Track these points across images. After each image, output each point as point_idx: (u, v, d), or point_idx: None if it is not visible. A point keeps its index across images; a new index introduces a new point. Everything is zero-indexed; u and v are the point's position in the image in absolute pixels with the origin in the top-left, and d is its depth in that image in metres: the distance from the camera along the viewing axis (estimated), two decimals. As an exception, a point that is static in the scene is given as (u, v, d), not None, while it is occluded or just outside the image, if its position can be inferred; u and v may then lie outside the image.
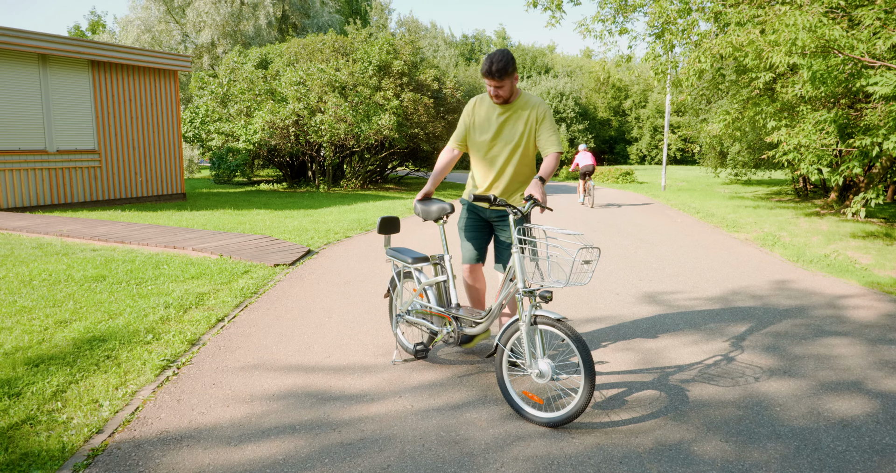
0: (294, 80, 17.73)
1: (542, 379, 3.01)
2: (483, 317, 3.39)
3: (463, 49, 68.09)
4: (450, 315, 3.54)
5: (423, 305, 3.70)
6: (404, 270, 3.81)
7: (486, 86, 3.49)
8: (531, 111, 3.58)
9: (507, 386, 3.12)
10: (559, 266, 2.98)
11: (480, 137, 3.64)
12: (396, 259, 3.81)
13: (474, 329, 3.45)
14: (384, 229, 3.76)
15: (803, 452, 2.71)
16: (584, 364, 2.85)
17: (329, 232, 9.36)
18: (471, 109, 3.69)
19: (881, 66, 7.95)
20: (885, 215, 12.65)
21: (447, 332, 3.55)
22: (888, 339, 4.34)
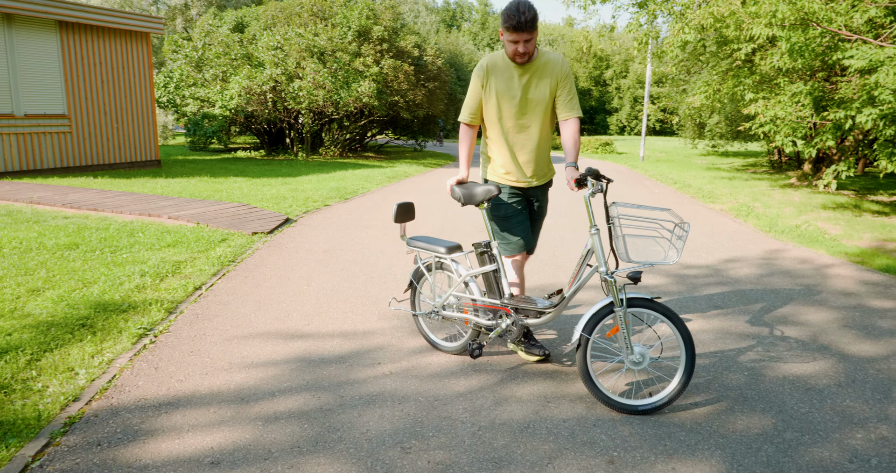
0: (271, 44, 17.34)
1: (637, 366, 2.83)
2: (553, 306, 3.05)
3: (444, 15, 66.97)
4: (508, 307, 3.16)
5: (468, 298, 3.29)
6: (437, 261, 3.39)
7: (507, 44, 3.06)
8: (554, 68, 3.18)
9: (592, 377, 2.84)
10: (644, 244, 2.77)
11: (505, 105, 3.21)
12: (424, 249, 3.38)
13: (538, 320, 3.08)
14: (402, 216, 3.40)
15: (768, 413, 2.82)
16: (686, 349, 2.75)
17: (308, 200, 9.30)
18: (483, 75, 3.20)
19: (857, 39, 8.01)
20: (856, 187, 12.90)
21: (506, 325, 3.14)
22: (852, 306, 4.48)
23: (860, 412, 2.85)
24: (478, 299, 3.25)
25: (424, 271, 3.48)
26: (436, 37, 46.17)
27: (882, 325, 4.10)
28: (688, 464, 2.40)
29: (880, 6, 7.72)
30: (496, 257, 3.20)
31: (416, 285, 3.56)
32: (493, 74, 3.20)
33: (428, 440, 2.56)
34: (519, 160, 3.30)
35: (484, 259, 3.26)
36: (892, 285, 5.11)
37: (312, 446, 2.49)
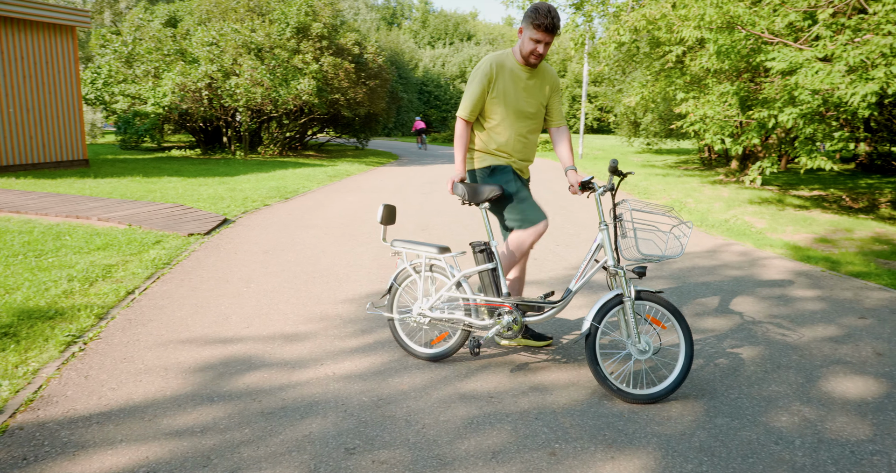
0: (206, 40, 16.84)
1: (644, 355, 2.93)
2: (558, 302, 3.09)
3: (384, 13, 66.57)
4: (510, 304, 3.15)
5: (467, 297, 3.23)
6: (429, 262, 3.33)
7: (527, 42, 3.12)
8: (550, 78, 3.35)
9: (601, 368, 2.90)
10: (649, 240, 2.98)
11: (511, 104, 3.25)
12: (413, 250, 3.31)
13: (539, 317, 3.11)
14: (388, 218, 3.35)
15: (701, 401, 2.94)
16: (686, 339, 2.91)
17: (246, 200, 9.09)
18: (491, 73, 3.20)
19: (779, 42, 8.42)
20: (779, 182, 13.58)
21: (507, 322, 3.12)
22: (777, 296, 4.72)
23: (784, 396, 3.00)
24: (478, 298, 3.21)
25: (413, 273, 3.38)
26: (376, 35, 45.90)
27: (804, 313, 4.33)
28: (626, 452, 2.48)
29: (799, 11, 8.14)
30: (494, 254, 3.22)
31: (398, 288, 3.46)
32: (500, 75, 3.22)
33: (372, 440, 2.55)
34: (520, 155, 3.39)
35: (482, 258, 3.24)
36: (813, 275, 5.41)
37: (254, 450, 2.44)
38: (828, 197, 11.24)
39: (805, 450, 2.51)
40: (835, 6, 7.77)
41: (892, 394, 3.04)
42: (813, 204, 10.17)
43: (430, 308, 3.30)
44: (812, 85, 7.33)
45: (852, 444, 2.56)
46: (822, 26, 7.89)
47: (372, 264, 5.53)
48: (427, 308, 3.30)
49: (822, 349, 3.64)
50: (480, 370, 3.28)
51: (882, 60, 6.99)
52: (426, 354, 3.38)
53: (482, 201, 3.22)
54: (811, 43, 8.31)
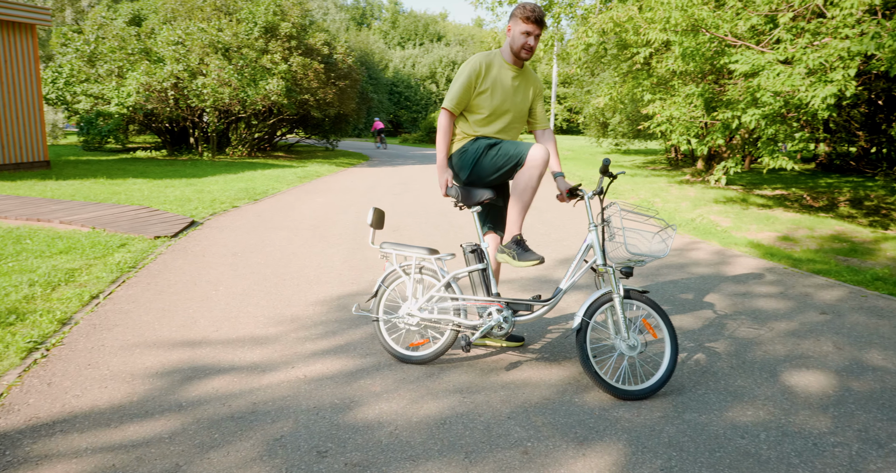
0: (172, 39, 16.54)
1: (632, 351, 3.02)
2: (547, 300, 3.15)
3: (354, 13, 66.27)
4: (501, 303, 3.20)
5: (459, 297, 3.25)
6: (420, 264, 3.34)
7: (518, 36, 3.19)
8: (534, 81, 3.41)
9: (592, 362, 2.96)
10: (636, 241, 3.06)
11: (496, 102, 3.27)
12: (402, 253, 3.35)
13: (529, 316, 3.15)
14: (378, 222, 3.41)
15: (669, 397, 2.99)
16: (670, 336, 3.03)
17: (215, 202, 8.96)
18: (480, 69, 3.22)
19: (741, 45, 8.61)
20: (743, 182, 13.89)
21: (497, 321, 3.16)
22: (742, 293, 4.83)
23: (750, 391, 3.07)
24: (469, 298, 3.25)
25: (403, 275, 3.38)
26: (346, 35, 45.65)
27: (768, 309, 4.44)
28: (597, 449, 2.51)
29: (760, 14, 8.34)
30: (485, 255, 3.28)
31: (386, 290, 3.46)
32: (488, 72, 3.25)
33: (344, 442, 2.53)
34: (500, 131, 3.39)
35: (473, 258, 3.28)
36: (776, 273, 5.55)
37: (224, 456, 2.41)
38: (789, 196, 11.53)
39: (770, 443, 2.57)
40: (795, 10, 7.98)
41: (851, 387, 3.14)
42: (775, 203, 10.42)
43: (418, 309, 3.31)
44: (774, 87, 7.51)
45: (815, 437, 2.63)
46: (782, 30, 8.09)
47: (343, 265, 5.50)
48: (416, 309, 3.31)
49: (786, 345, 3.73)
50: (452, 370, 3.29)
51: (840, 63, 7.20)
52: (413, 357, 3.36)
53: (475, 204, 3.27)
54: (773, 46, 8.51)
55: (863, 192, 12.29)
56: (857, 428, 2.71)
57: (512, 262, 3.18)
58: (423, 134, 40.58)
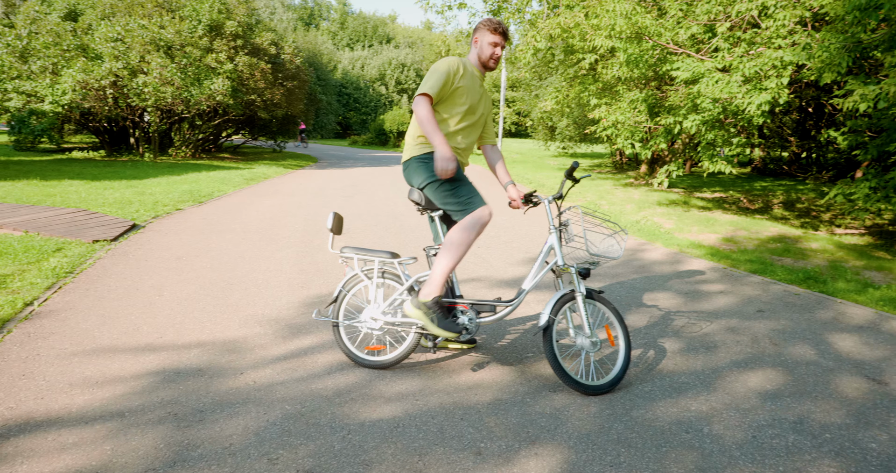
0: (110, 36, 15.94)
1: (595, 347, 3.12)
2: (511, 301, 3.19)
3: (302, 13, 65.40)
4: (466, 304, 3.21)
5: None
6: (383, 267, 3.34)
7: (486, 47, 3.28)
8: (489, 95, 3.47)
9: (558, 358, 3.04)
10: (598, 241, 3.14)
11: (470, 100, 3.27)
12: (365, 257, 3.33)
13: (493, 317, 3.17)
14: (338, 227, 3.36)
15: (617, 395, 3.06)
16: (624, 335, 3.17)
17: (157, 204, 8.68)
18: (458, 68, 3.20)
19: (682, 53, 8.92)
20: (684, 185, 14.37)
21: (463, 322, 3.16)
22: (685, 292, 4.99)
23: (693, 387, 3.18)
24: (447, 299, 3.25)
25: (365, 279, 3.35)
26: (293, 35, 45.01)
27: (709, 308, 4.60)
28: (548, 449, 2.55)
29: (700, 24, 8.65)
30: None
31: (347, 294, 3.42)
32: (465, 74, 3.25)
33: (296, 448, 2.50)
34: (464, 149, 3.37)
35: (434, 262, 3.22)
36: (716, 272, 5.76)
37: (170, 466, 2.34)
38: (727, 199, 11.99)
39: (712, 437, 2.67)
40: (732, 20, 8.31)
41: (787, 381, 3.29)
42: (715, 205, 10.82)
43: (382, 313, 3.30)
44: (712, 94, 7.80)
45: (754, 429, 2.74)
46: (720, 39, 8.42)
47: (293, 269, 5.42)
48: (379, 313, 3.30)
49: (726, 342, 3.88)
50: (405, 373, 3.29)
51: (774, 72, 7.54)
52: (376, 361, 3.33)
53: (438, 209, 3.26)
54: (711, 54, 8.84)
55: (794, 195, 12.89)
56: (793, 420, 2.84)
57: (428, 325, 3.01)
58: (372, 136, 40.36)
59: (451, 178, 3.12)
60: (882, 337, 4.03)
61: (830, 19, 7.34)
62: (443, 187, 3.14)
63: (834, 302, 4.84)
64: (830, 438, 2.68)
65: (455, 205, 3.14)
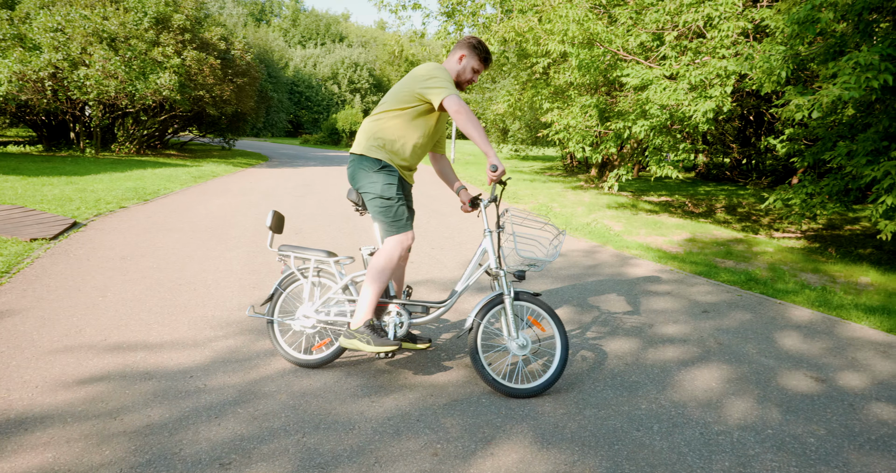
0: (50, 26, 15.26)
1: (523, 350, 3.11)
2: (444, 302, 3.20)
3: (252, 9, 64.17)
4: (399, 304, 3.21)
5: (352, 299, 3.28)
6: (318, 266, 3.33)
7: (468, 71, 3.23)
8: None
9: (482, 362, 3.07)
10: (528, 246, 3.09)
11: (439, 120, 3.30)
12: (301, 255, 3.32)
13: (426, 318, 3.19)
14: (278, 225, 3.35)
15: (570, 394, 3.12)
16: (561, 336, 3.12)
17: (99, 202, 8.36)
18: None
19: (632, 59, 9.14)
20: (633, 189, 14.74)
21: (395, 323, 3.19)
22: (635, 293, 5.12)
23: (643, 386, 3.27)
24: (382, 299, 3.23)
25: (300, 278, 3.34)
26: (244, 31, 44.11)
27: (657, 309, 4.74)
28: (504, 448, 2.57)
29: (649, 32, 8.89)
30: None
31: (283, 292, 3.39)
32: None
33: (249, 453, 2.45)
34: (414, 167, 3.34)
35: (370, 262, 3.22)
36: (663, 274, 5.92)
37: (116, 473, 2.26)
38: (673, 203, 12.36)
39: (662, 434, 2.75)
40: (679, 30, 8.58)
41: (732, 379, 3.41)
42: (661, 209, 11.13)
43: (315, 311, 3.28)
44: (660, 100, 8.03)
45: (701, 426, 2.84)
46: (668, 47, 8.67)
47: (243, 269, 5.31)
48: (312, 311, 3.28)
49: (674, 342, 4.00)
50: (359, 375, 3.26)
51: (718, 81, 7.82)
52: (306, 360, 3.31)
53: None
54: (660, 62, 9.10)
55: (736, 199, 13.39)
56: (738, 417, 2.95)
57: (364, 348, 3.02)
58: (324, 135, 39.90)
59: (388, 194, 3.10)
60: (819, 336, 4.22)
61: (771, 32, 7.66)
62: (379, 202, 3.11)
63: (774, 303, 5.05)
64: (772, 434, 2.80)
65: (384, 223, 3.13)
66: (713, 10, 7.97)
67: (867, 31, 6.27)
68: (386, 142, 3.15)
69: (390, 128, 3.15)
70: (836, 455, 2.63)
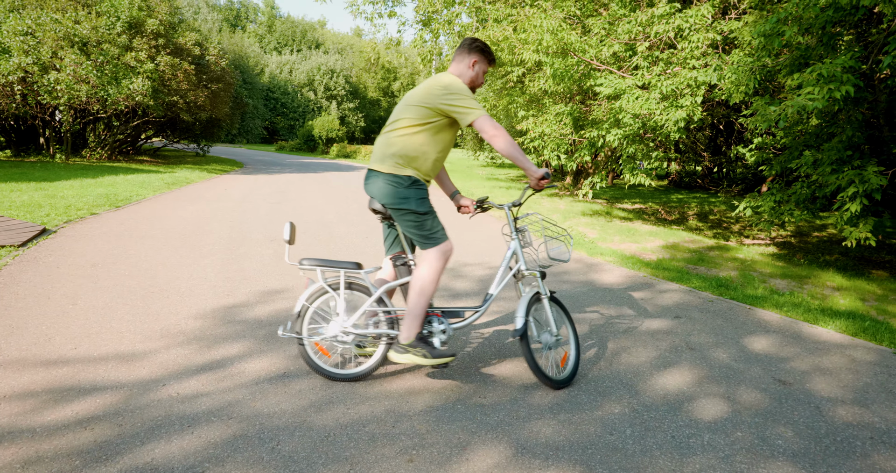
0: (19, 29, 14.99)
1: (557, 345, 3.37)
2: (479, 307, 3.29)
3: (227, 15, 63.75)
4: (438, 311, 3.25)
5: (390, 310, 3.23)
6: (350, 279, 3.27)
7: (479, 74, 3.28)
8: None
9: (536, 361, 3.24)
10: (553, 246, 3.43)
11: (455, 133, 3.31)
12: (331, 268, 3.22)
13: (463, 323, 3.27)
14: (294, 237, 3.26)
15: (546, 398, 3.15)
16: (574, 334, 3.48)
17: (70, 208, 8.22)
18: None
19: (605, 69, 9.29)
20: (607, 196, 14.92)
21: (436, 329, 3.21)
22: (608, 299, 5.19)
23: (616, 391, 3.32)
24: (396, 310, 3.23)
25: (330, 291, 3.24)
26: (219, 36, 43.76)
27: (631, 314, 4.80)
28: (479, 453, 2.59)
29: (621, 42, 9.04)
30: (410, 269, 3.25)
31: (310, 308, 3.27)
32: None
33: (223, 462, 2.43)
34: (432, 178, 3.32)
35: (403, 271, 3.24)
36: (637, 281, 6.01)
37: (87, 484, 2.23)
38: (647, 210, 12.54)
39: (635, 438, 2.79)
40: (650, 41, 8.74)
41: (702, 383, 3.48)
42: (635, 216, 11.29)
43: (353, 326, 3.20)
44: (633, 109, 8.17)
45: (672, 430, 2.89)
46: (640, 58, 8.83)
47: (217, 277, 5.26)
48: (350, 326, 3.19)
49: (646, 347, 4.06)
50: (335, 383, 3.25)
51: (689, 91, 7.98)
52: (349, 374, 3.26)
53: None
54: (632, 72, 9.26)
55: (707, 207, 13.63)
56: (708, 420, 3.01)
57: (422, 361, 3.08)
58: (300, 142, 39.69)
59: (423, 209, 3.08)
60: (787, 340, 4.33)
61: (739, 43, 7.85)
62: (414, 217, 3.08)
63: (744, 308, 5.15)
64: (741, 436, 2.86)
65: (420, 236, 3.11)
66: (683, 22, 8.15)
67: (831, 43, 6.47)
68: (411, 158, 3.10)
69: (414, 144, 3.10)
70: (804, 457, 2.70)
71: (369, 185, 3.15)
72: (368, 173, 3.17)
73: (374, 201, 3.16)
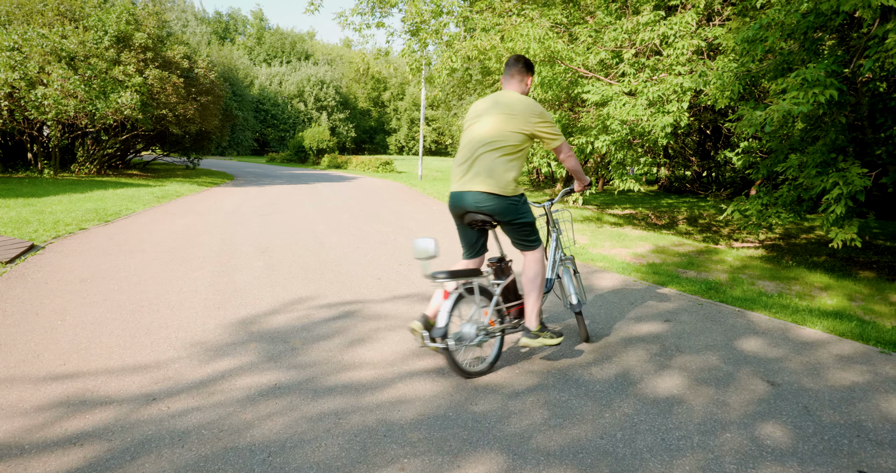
0: (6, 44, 14.96)
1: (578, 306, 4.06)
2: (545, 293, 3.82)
3: (216, 27, 63.83)
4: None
5: (507, 306, 3.73)
6: (480, 285, 3.58)
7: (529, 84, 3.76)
8: None
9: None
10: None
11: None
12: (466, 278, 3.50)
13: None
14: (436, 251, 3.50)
15: (536, 403, 3.16)
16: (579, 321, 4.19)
17: (58, 224, 8.18)
18: None
19: (592, 76, 9.37)
20: (597, 202, 15.00)
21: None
22: (599, 304, 5.21)
23: (606, 394, 3.33)
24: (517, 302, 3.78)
25: (467, 295, 3.54)
26: (207, 49, 43.78)
27: (621, 319, 4.83)
28: (471, 460, 2.60)
29: (608, 50, 9.13)
30: (511, 268, 3.76)
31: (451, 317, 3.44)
32: None
33: (214, 474, 2.43)
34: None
35: (503, 271, 3.71)
36: (627, 285, 6.04)
37: (76, 500, 2.22)
38: (637, 215, 12.62)
39: (625, 442, 2.80)
40: (636, 48, 8.83)
41: (692, 385, 3.50)
42: (625, 221, 11.35)
43: (487, 325, 3.53)
44: (621, 116, 8.23)
45: (662, 432, 2.91)
46: (626, 64, 8.91)
47: (208, 289, 5.25)
48: (487, 324, 3.53)
49: (637, 350, 4.08)
50: (326, 391, 3.26)
51: (675, 97, 8.06)
52: (479, 370, 3.56)
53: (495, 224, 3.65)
54: (619, 79, 9.34)
55: (697, 211, 13.73)
56: (697, 422, 3.03)
57: (551, 341, 3.61)
58: (291, 153, 39.70)
59: (533, 219, 3.63)
60: (776, 342, 4.36)
61: (723, 50, 7.94)
62: (529, 227, 3.62)
63: (733, 310, 5.19)
64: (731, 437, 2.88)
65: (526, 241, 3.66)
66: (668, 29, 8.24)
67: (813, 48, 6.56)
68: (517, 177, 3.54)
69: (517, 166, 3.52)
70: (792, 456, 2.73)
71: (479, 203, 3.46)
72: (475, 194, 3.47)
73: (473, 214, 3.50)
